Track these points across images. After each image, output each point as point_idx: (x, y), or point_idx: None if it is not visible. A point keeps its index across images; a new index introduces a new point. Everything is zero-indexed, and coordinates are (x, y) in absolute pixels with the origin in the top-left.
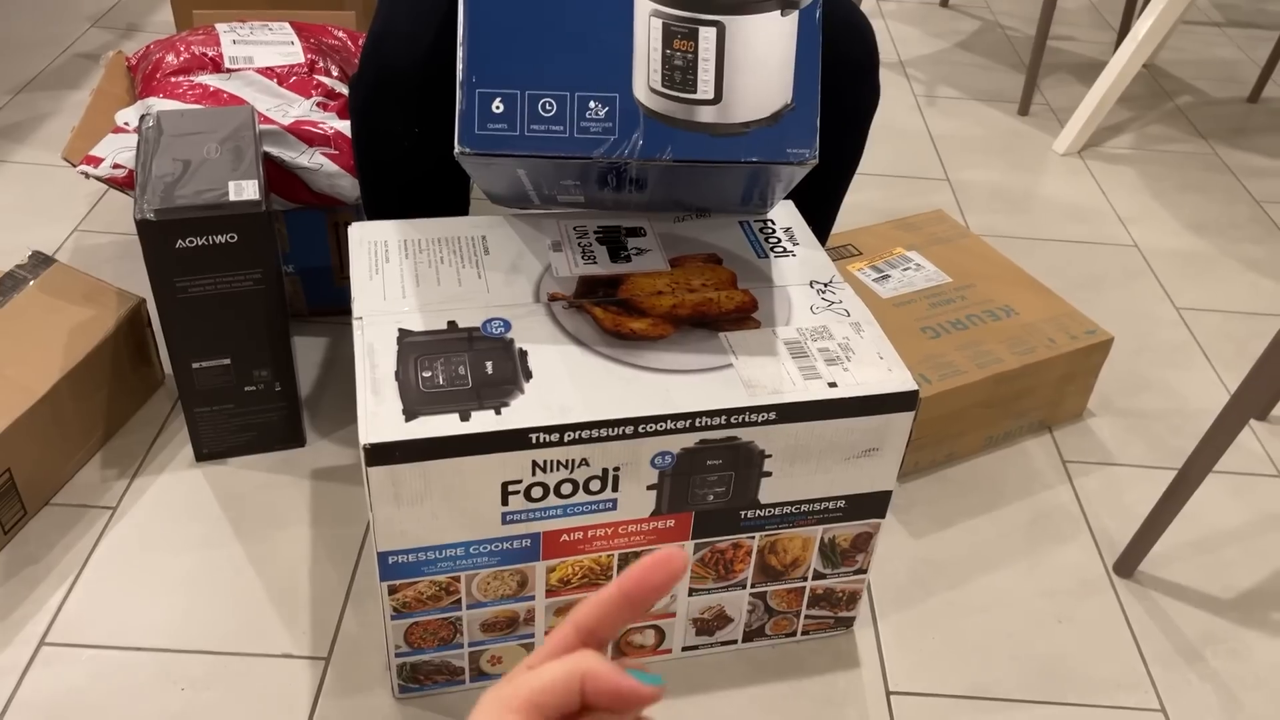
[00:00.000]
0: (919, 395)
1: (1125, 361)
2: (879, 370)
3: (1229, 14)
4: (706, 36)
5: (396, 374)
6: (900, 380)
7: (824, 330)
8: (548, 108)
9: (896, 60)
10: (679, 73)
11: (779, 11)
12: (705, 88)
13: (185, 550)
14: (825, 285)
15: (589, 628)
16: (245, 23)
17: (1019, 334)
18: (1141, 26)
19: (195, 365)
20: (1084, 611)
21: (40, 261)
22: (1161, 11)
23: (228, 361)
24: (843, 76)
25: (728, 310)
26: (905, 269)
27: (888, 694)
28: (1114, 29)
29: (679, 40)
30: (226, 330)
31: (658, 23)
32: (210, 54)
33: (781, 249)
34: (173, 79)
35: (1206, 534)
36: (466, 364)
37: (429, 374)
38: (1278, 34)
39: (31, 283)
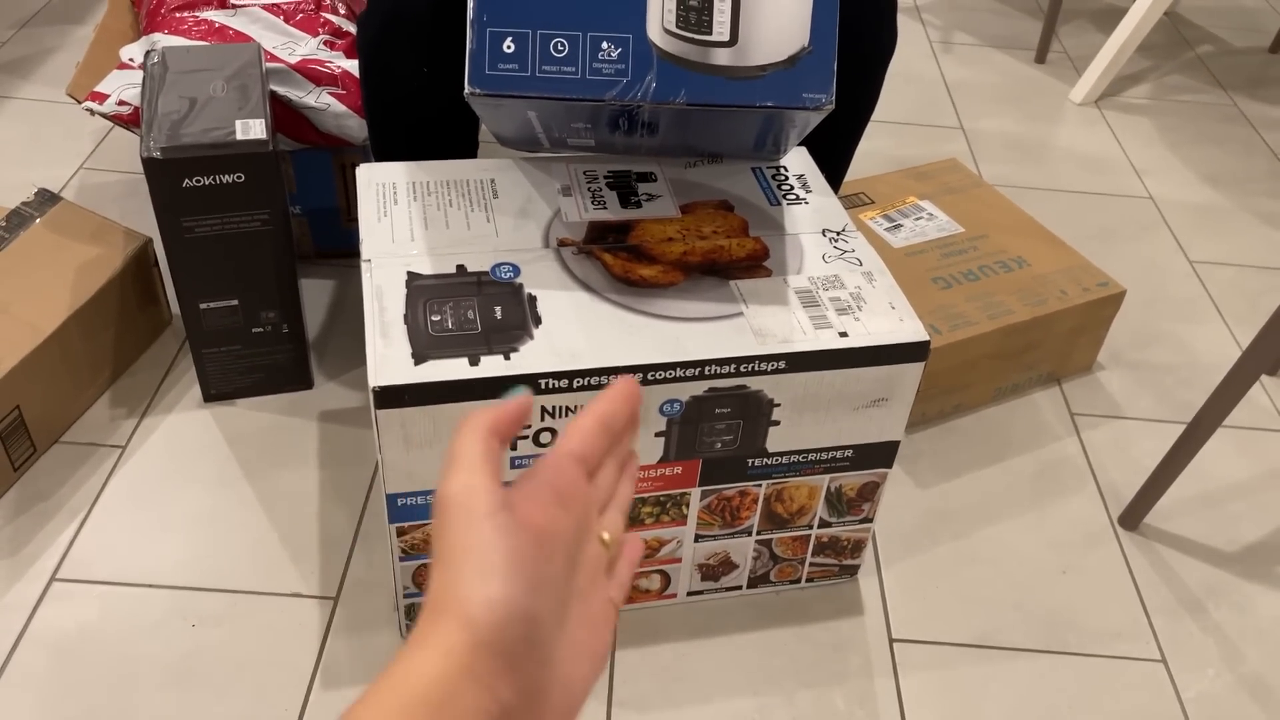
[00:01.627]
0: (930, 346)
1: (1137, 314)
2: (890, 320)
3: None
4: None
5: (405, 317)
6: (912, 330)
7: (836, 279)
8: (559, 48)
9: (912, 5)
10: (694, 13)
11: None
12: (721, 29)
13: (195, 489)
14: (838, 234)
15: (584, 455)
16: None
17: (1030, 285)
18: None
19: (203, 306)
20: (1088, 563)
21: (46, 199)
22: None
23: (235, 302)
24: (860, 19)
25: (739, 258)
26: (917, 218)
27: (890, 641)
28: None
29: None
30: (234, 271)
31: None
32: None
33: (794, 196)
34: (177, 14)
35: (1213, 488)
36: (475, 308)
37: (438, 318)
38: None
39: (38, 220)
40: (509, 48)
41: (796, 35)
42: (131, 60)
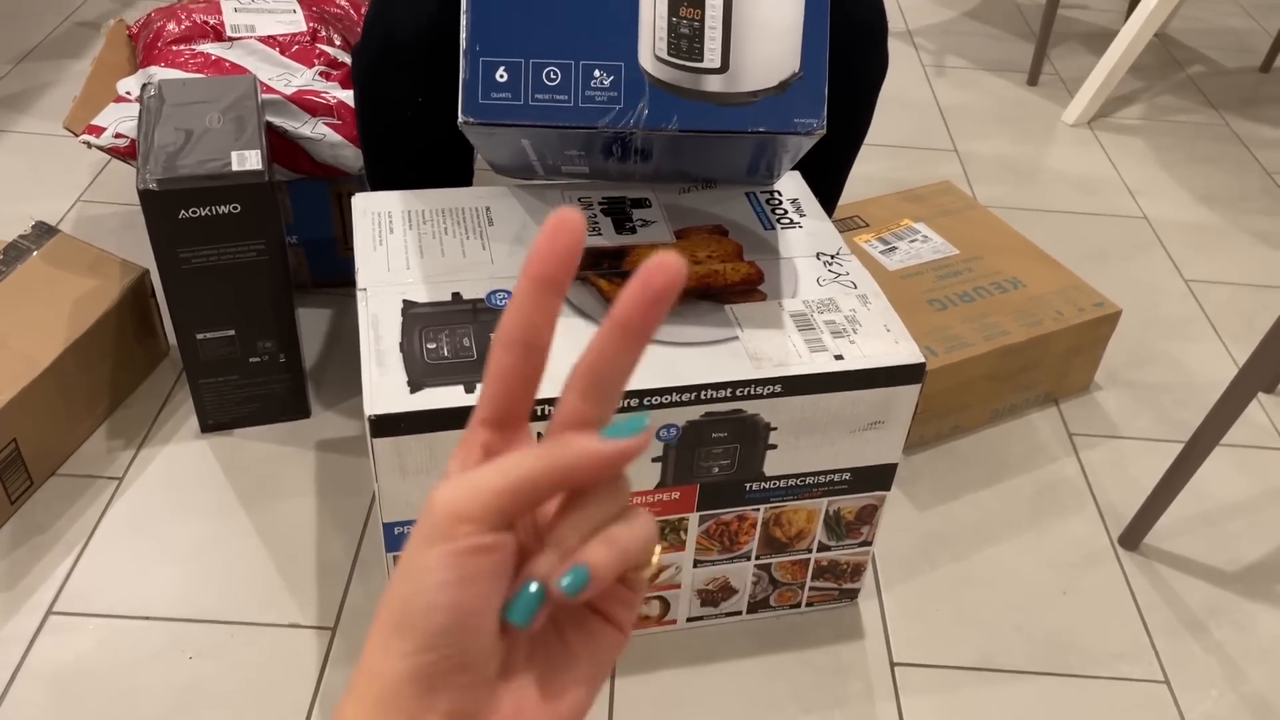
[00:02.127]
0: (925, 368)
1: (1133, 334)
2: (885, 343)
3: None
4: (714, 3)
5: (401, 346)
6: (907, 353)
7: (830, 302)
8: (552, 77)
9: (904, 29)
10: (685, 41)
11: None
12: (712, 56)
13: (192, 520)
14: (832, 257)
15: (586, 388)
16: None
17: (1026, 306)
18: None
19: (199, 336)
20: (1088, 583)
21: (44, 232)
22: None
23: (232, 333)
24: (851, 44)
25: (734, 282)
26: (912, 241)
27: (892, 665)
28: None
29: (685, 7)
30: (231, 301)
31: None
32: (212, 22)
33: (788, 220)
34: (174, 47)
35: (1212, 507)
36: (471, 336)
37: (434, 346)
38: None
39: (35, 253)
40: (502, 77)
41: (787, 61)
42: (128, 93)
